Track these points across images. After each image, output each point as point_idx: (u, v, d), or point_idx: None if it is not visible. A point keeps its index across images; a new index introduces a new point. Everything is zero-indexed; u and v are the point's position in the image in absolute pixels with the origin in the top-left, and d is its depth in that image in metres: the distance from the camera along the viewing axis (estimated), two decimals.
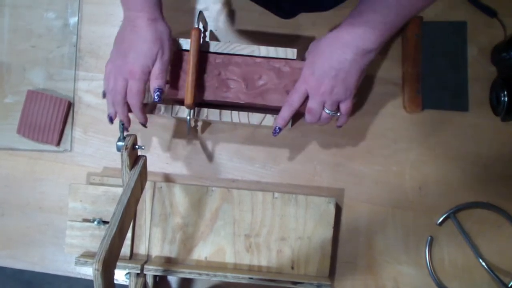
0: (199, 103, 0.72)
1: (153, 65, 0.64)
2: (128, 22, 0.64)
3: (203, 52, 0.70)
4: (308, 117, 0.66)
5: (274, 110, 0.71)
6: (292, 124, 0.77)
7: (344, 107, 0.65)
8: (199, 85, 0.70)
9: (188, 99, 0.67)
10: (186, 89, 0.67)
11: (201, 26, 0.70)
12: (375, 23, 0.58)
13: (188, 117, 0.70)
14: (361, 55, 0.60)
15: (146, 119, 0.69)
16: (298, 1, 0.75)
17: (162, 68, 0.65)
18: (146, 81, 0.65)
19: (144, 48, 0.63)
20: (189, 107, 0.69)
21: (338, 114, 0.66)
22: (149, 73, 0.64)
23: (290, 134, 0.78)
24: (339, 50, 0.60)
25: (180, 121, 0.78)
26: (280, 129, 0.68)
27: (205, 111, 0.71)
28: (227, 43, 0.71)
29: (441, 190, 0.77)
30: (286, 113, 0.66)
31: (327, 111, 0.65)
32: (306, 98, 0.65)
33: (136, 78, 0.63)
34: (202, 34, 0.69)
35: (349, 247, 0.77)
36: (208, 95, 0.70)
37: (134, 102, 0.65)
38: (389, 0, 0.56)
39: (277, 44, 0.70)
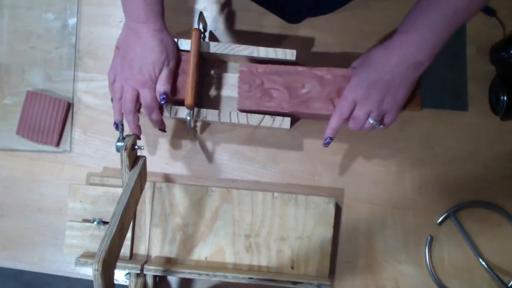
0: (243, 110, 0.72)
1: (159, 73, 0.66)
2: (131, 31, 0.65)
3: (251, 62, 0.71)
4: (351, 124, 0.66)
5: (322, 119, 0.71)
6: (292, 125, 0.77)
7: (389, 119, 0.65)
8: (243, 96, 0.70)
9: (188, 99, 0.67)
10: (186, 90, 0.68)
11: (201, 27, 0.70)
12: (428, 37, 0.58)
13: (188, 118, 0.70)
14: (413, 68, 0.60)
15: (164, 124, 0.72)
16: (303, 8, 0.75)
17: (168, 75, 0.67)
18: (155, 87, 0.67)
19: (152, 58, 0.65)
20: (189, 108, 0.69)
21: (381, 126, 0.66)
22: (156, 80, 0.67)
23: (290, 134, 0.78)
24: (391, 63, 0.60)
25: (179, 121, 0.78)
26: (331, 139, 0.68)
27: (204, 111, 0.71)
28: (227, 43, 0.71)
29: (441, 189, 0.77)
30: (336, 123, 0.66)
31: (371, 121, 0.65)
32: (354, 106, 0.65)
33: (148, 87, 0.66)
34: (202, 35, 0.69)
35: (349, 247, 0.77)
36: (251, 105, 0.70)
37: (151, 109, 0.68)
38: (440, 17, 0.57)
39: (277, 45, 0.70)
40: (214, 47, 0.71)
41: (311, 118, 0.76)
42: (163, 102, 0.67)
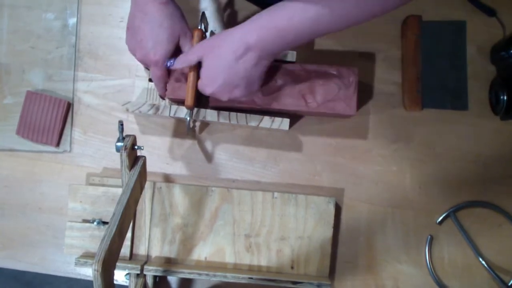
0: (216, 107, 0.72)
1: (174, 47, 0.65)
2: (136, 8, 0.63)
3: None
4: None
5: (290, 114, 0.71)
6: (293, 124, 0.77)
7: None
8: None
9: (189, 100, 0.67)
10: (187, 90, 0.67)
11: (202, 27, 0.70)
12: (264, 45, 0.59)
13: (188, 118, 0.70)
14: (248, 67, 0.61)
15: (165, 93, 0.71)
16: None
17: (190, 47, 0.65)
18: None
19: (162, 34, 0.62)
20: (189, 108, 0.69)
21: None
22: (169, 56, 0.65)
23: (290, 134, 0.78)
24: (227, 54, 0.61)
25: (179, 121, 0.78)
26: (172, 65, 0.66)
27: (203, 111, 0.71)
28: None
29: (441, 189, 0.77)
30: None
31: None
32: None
33: (158, 66, 0.65)
34: (203, 35, 0.69)
35: (349, 247, 0.77)
36: (223, 101, 0.70)
37: (159, 87, 0.69)
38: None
39: None
40: None
41: (284, 113, 0.74)
42: (169, 66, 0.65)
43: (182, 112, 0.71)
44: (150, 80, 0.77)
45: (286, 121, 0.71)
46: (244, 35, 0.58)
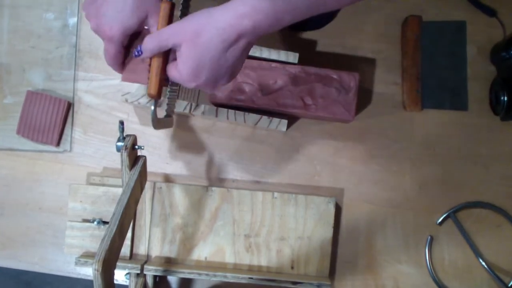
0: (214, 103, 0.71)
1: (138, 24, 0.55)
2: None
3: None
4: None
5: (290, 115, 0.71)
6: (292, 124, 0.77)
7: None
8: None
9: (152, 88, 0.55)
10: (150, 77, 0.55)
11: None
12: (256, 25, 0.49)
13: (153, 107, 0.59)
14: (236, 55, 0.52)
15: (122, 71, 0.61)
16: (297, 26, 0.74)
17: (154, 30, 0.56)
18: (126, 42, 0.56)
19: (126, 4, 0.54)
20: (153, 97, 0.57)
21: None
22: (126, 37, 0.56)
23: (290, 134, 0.78)
24: (214, 46, 0.51)
25: (180, 121, 0.78)
26: (140, 54, 0.55)
27: (202, 106, 0.71)
28: None
29: (441, 189, 0.77)
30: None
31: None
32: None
33: (113, 41, 0.55)
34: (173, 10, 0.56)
35: (349, 247, 0.77)
36: (223, 98, 0.70)
37: (113, 67, 0.59)
38: None
39: (276, 45, 0.70)
40: None
41: (283, 114, 0.74)
42: (135, 55, 0.55)
43: (181, 106, 0.70)
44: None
45: (284, 122, 0.71)
46: (237, 22, 0.48)
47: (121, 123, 0.67)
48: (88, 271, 0.78)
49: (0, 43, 0.80)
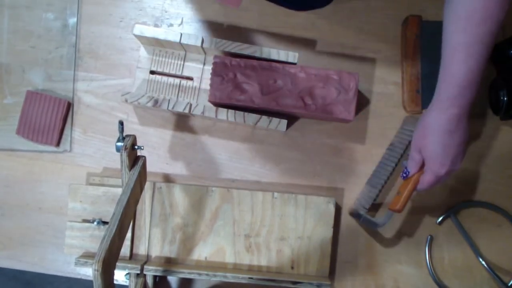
0: (214, 102, 0.71)
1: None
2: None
3: (218, 55, 0.70)
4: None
5: (290, 115, 0.71)
6: (292, 124, 0.77)
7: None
8: (215, 88, 0.70)
9: (401, 204, 0.68)
10: (405, 194, 0.68)
11: None
12: (460, 104, 0.60)
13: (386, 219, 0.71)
14: (460, 132, 0.62)
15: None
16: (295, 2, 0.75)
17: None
18: None
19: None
20: (397, 212, 0.69)
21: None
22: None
23: (290, 134, 0.78)
24: (441, 138, 0.62)
25: (179, 120, 0.78)
26: (408, 173, 0.68)
27: (201, 106, 0.71)
28: (229, 41, 0.71)
29: (441, 189, 0.77)
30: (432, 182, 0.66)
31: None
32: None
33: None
34: None
35: (349, 247, 0.77)
36: (222, 98, 0.70)
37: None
38: (464, 79, 0.58)
39: (276, 45, 0.70)
40: (216, 44, 0.70)
41: (283, 114, 0.75)
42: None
43: (181, 106, 0.70)
44: (152, 72, 0.76)
45: (284, 122, 0.71)
46: (450, 118, 0.60)
47: (121, 123, 0.67)
48: (88, 271, 0.78)
49: (0, 43, 0.80)
